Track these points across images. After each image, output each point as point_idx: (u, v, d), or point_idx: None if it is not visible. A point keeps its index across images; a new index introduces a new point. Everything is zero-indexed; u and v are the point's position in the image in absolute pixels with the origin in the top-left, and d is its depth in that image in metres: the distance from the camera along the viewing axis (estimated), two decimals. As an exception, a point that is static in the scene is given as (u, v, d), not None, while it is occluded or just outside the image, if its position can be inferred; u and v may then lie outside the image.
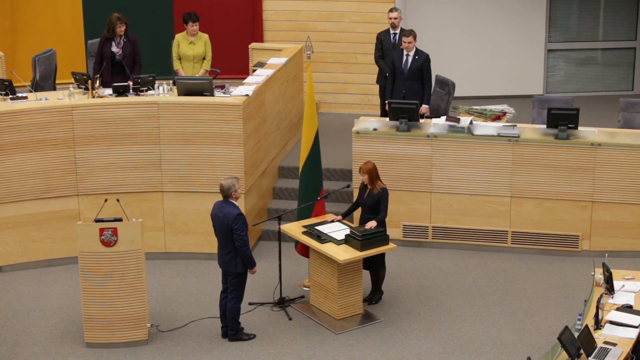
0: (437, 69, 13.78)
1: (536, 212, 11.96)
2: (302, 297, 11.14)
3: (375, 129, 12.20)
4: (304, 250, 11.11)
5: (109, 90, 12.13)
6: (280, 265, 10.97)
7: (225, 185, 9.99)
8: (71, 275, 11.54)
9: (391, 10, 13.53)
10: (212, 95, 11.89)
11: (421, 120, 12.30)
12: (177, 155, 11.78)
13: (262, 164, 12.54)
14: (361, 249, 10.34)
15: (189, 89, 11.91)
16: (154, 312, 10.80)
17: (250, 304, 10.93)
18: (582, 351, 8.37)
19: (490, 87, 16.16)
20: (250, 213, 11.89)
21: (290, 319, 10.73)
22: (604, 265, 9.59)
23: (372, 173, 10.72)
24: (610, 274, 9.59)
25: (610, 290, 9.54)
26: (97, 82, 12.15)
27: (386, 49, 13.45)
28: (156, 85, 12.16)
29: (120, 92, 11.97)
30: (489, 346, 10.14)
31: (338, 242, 10.51)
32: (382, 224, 10.65)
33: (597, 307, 8.97)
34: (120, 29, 13.15)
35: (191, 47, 13.64)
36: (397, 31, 13.36)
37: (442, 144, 12.04)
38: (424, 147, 12.07)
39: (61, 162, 11.67)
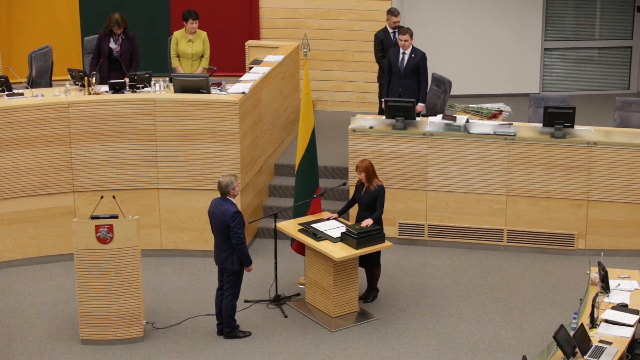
0: (434, 67, 13.78)
1: (532, 210, 11.98)
2: (298, 294, 11.14)
3: (371, 127, 12.21)
4: (300, 247, 11.11)
5: (105, 87, 12.12)
6: (276, 262, 10.97)
7: (224, 182, 9.99)
8: (67, 272, 11.54)
9: (395, 15, 13.45)
10: (208, 92, 11.88)
11: (417, 119, 12.31)
12: (173, 153, 11.77)
13: (258, 162, 12.54)
14: (357, 247, 10.34)
15: (186, 86, 11.90)
16: (150, 309, 10.80)
17: (246, 301, 10.93)
18: (577, 350, 8.39)
19: (486, 85, 16.17)
20: (246, 210, 11.88)
21: (285, 317, 10.73)
22: (600, 264, 9.61)
23: (369, 171, 10.72)
24: (606, 272, 9.61)
25: (605, 289, 9.55)
26: (94, 78, 12.14)
27: (388, 47, 13.37)
28: (152, 83, 12.16)
29: (117, 89, 11.96)
30: (485, 344, 10.15)
31: (334, 240, 10.51)
32: (378, 221, 10.65)
33: (593, 306, 8.99)
34: (118, 31, 13.16)
35: (190, 45, 13.63)
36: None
37: (438, 142, 12.04)
38: (420, 145, 12.08)
39: (57, 159, 11.66)
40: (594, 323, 8.94)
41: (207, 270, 11.65)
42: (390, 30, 13.49)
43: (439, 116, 12.38)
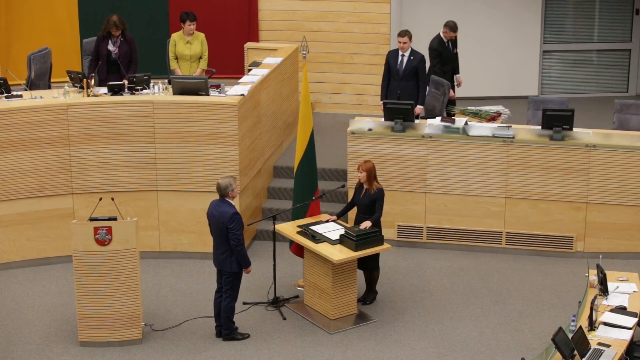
0: (433, 70, 13.80)
1: (531, 213, 11.97)
2: (297, 296, 11.14)
3: (370, 129, 12.21)
4: (299, 250, 11.11)
5: (104, 89, 12.12)
6: (274, 265, 10.97)
7: (223, 184, 9.99)
8: (65, 274, 11.53)
9: (454, 30, 13.54)
10: (207, 94, 11.88)
11: (416, 121, 12.31)
12: (172, 155, 11.77)
13: (257, 164, 12.54)
14: (356, 249, 10.34)
15: (184, 88, 11.90)
16: (148, 311, 10.80)
17: (244, 303, 10.93)
18: (575, 352, 8.39)
19: (485, 87, 16.17)
20: (245, 212, 11.88)
21: (284, 319, 10.73)
22: (598, 267, 9.62)
23: (371, 172, 10.73)
24: (605, 275, 9.61)
25: (604, 291, 9.56)
26: (92, 80, 12.14)
27: (446, 57, 13.58)
28: (151, 84, 12.16)
29: (116, 90, 11.96)
30: (483, 347, 10.15)
31: (332, 242, 10.51)
32: (377, 224, 10.65)
33: (591, 309, 8.99)
34: (116, 33, 13.16)
35: (188, 47, 13.64)
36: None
37: (437, 144, 12.04)
38: (418, 147, 12.08)
39: (56, 161, 11.66)
40: (592, 325, 8.94)
41: (206, 272, 11.64)
42: (445, 40, 13.56)
43: (438, 118, 12.38)
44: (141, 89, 12.10)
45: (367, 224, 10.58)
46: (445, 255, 12.15)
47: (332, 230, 10.75)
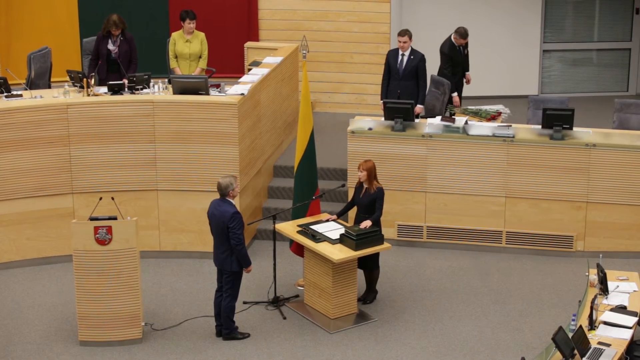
0: (433, 69, 13.78)
1: (531, 212, 11.97)
2: (297, 296, 11.14)
3: (370, 129, 12.21)
4: (299, 249, 11.11)
5: (104, 89, 12.12)
6: (274, 264, 10.97)
7: (223, 183, 9.99)
8: (65, 274, 11.53)
9: (464, 37, 13.61)
10: (207, 94, 11.88)
11: (416, 120, 12.31)
12: (172, 154, 11.77)
13: (257, 163, 12.54)
14: (356, 249, 10.34)
15: (184, 88, 11.90)
16: (148, 310, 10.80)
17: (244, 302, 10.93)
18: (576, 351, 8.39)
19: (485, 87, 16.16)
20: (245, 212, 11.87)
21: (284, 318, 10.73)
22: (598, 266, 9.62)
23: (371, 172, 10.73)
24: (605, 274, 9.62)
25: (604, 290, 9.56)
26: (92, 80, 12.13)
27: (457, 61, 13.71)
28: (151, 84, 12.15)
29: (116, 90, 11.96)
30: (483, 346, 10.15)
31: (333, 242, 10.51)
32: (377, 223, 10.66)
33: (591, 308, 9.00)
34: (116, 32, 13.16)
35: (187, 46, 13.64)
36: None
37: (437, 143, 12.04)
38: (419, 146, 12.08)
39: (56, 160, 11.66)
40: (592, 325, 8.94)
41: (206, 271, 11.64)
42: (456, 45, 13.61)
43: (438, 118, 12.39)
44: (141, 89, 12.09)
45: (367, 224, 10.58)
46: (445, 254, 12.15)
47: (332, 229, 10.75)
